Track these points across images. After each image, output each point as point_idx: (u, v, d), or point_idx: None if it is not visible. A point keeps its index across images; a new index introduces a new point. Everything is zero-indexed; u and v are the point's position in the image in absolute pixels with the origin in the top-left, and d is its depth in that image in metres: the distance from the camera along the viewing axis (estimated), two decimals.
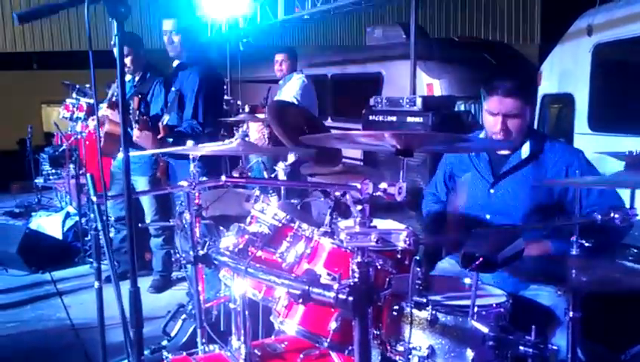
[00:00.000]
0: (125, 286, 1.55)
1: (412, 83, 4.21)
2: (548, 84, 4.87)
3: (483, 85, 2.28)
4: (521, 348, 1.43)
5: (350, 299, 1.32)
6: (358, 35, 11.15)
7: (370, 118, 4.04)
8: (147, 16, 10.12)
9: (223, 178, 1.67)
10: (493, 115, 2.24)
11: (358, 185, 1.35)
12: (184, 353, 2.17)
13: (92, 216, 2.35)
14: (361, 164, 4.18)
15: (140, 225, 4.06)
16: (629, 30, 3.95)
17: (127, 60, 3.98)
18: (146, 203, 4.16)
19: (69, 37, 10.38)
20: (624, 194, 2.58)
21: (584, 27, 4.37)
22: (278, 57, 5.39)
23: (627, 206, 1.48)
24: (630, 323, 2.48)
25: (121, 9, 1.34)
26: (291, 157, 2.62)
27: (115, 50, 1.41)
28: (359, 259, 1.36)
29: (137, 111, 3.62)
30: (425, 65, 5.47)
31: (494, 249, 1.45)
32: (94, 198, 1.64)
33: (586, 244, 1.66)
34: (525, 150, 2.27)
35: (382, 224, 2.37)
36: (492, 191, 2.32)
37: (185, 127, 3.52)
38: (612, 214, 1.40)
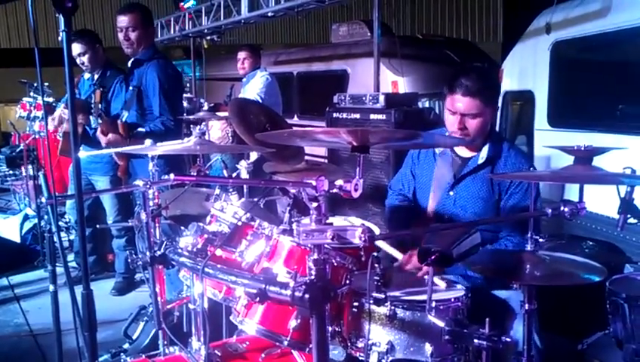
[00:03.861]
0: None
1: (376, 80, 4.23)
2: (509, 82, 4.95)
3: (446, 82, 2.27)
4: (476, 341, 1.45)
5: (306, 296, 1.31)
6: (323, 33, 11.18)
7: (334, 115, 4.04)
8: (109, 11, 9.92)
9: (172, 176, 1.64)
10: (452, 113, 2.24)
11: (314, 183, 1.34)
12: (143, 356, 2.14)
13: (46, 217, 2.28)
14: (326, 161, 4.18)
15: (97, 226, 3.98)
16: (585, 28, 4.05)
17: (85, 59, 3.89)
18: (108, 203, 4.07)
19: (26, 33, 10.10)
20: (573, 187, 2.66)
21: (543, 25, 4.46)
22: (241, 55, 5.36)
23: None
24: (586, 314, 2.54)
25: (68, 4, 1.30)
26: (254, 155, 2.61)
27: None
28: (315, 256, 1.35)
29: (99, 105, 3.53)
30: (389, 62, 5.50)
31: (450, 244, 1.47)
32: (43, 199, 1.59)
33: (540, 240, 1.70)
34: (483, 154, 2.29)
35: (344, 221, 2.38)
36: (451, 193, 2.34)
37: (155, 124, 3.46)
38: (562, 208, 1.43)
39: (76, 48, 3.82)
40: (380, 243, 2.07)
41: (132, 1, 3.83)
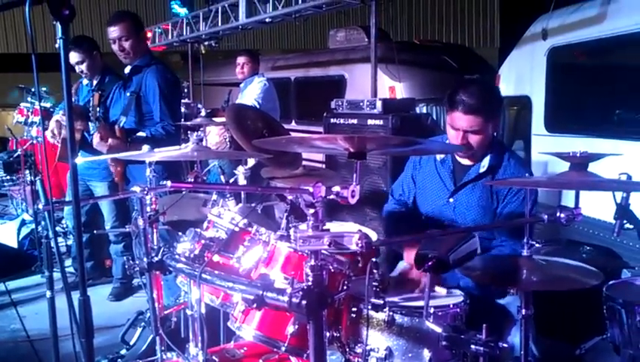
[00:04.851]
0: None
1: (373, 86, 4.23)
2: (506, 87, 4.96)
3: (447, 97, 2.26)
4: (473, 346, 1.45)
5: (304, 302, 1.31)
6: (320, 38, 11.21)
7: (332, 120, 4.04)
8: (107, 16, 9.91)
9: (168, 183, 1.64)
10: (454, 128, 2.24)
11: (311, 189, 1.35)
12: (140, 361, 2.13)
13: (43, 223, 2.28)
14: (323, 167, 4.19)
15: (95, 231, 3.97)
16: (581, 34, 4.07)
17: (83, 67, 3.89)
18: (106, 209, 4.07)
19: (24, 38, 10.09)
20: (570, 192, 2.67)
21: (539, 31, 4.48)
22: (240, 60, 5.38)
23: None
24: (584, 319, 2.55)
25: (66, 11, 1.30)
26: (251, 161, 2.61)
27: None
28: (313, 262, 1.35)
29: (97, 108, 3.54)
30: (387, 68, 5.52)
31: (447, 249, 1.47)
32: (40, 205, 1.59)
33: (537, 245, 1.71)
34: (485, 163, 2.29)
35: (342, 227, 2.39)
36: (451, 200, 2.35)
37: (156, 129, 3.47)
38: (558, 213, 1.44)
39: (74, 57, 3.82)
40: None
41: (120, 10, 3.84)
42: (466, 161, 2.36)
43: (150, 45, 7.34)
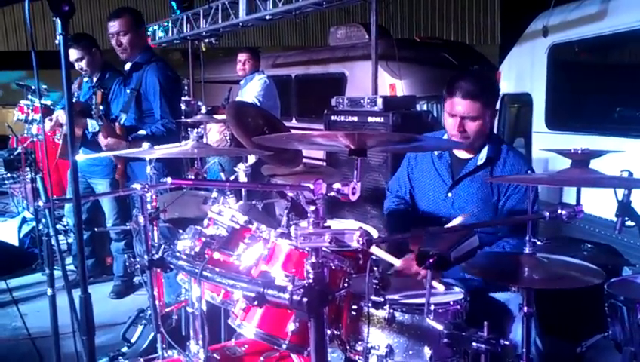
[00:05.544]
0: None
1: (374, 83, 4.23)
2: (507, 84, 4.95)
3: (445, 86, 2.27)
4: (474, 344, 1.45)
5: (305, 299, 1.31)
6: (321, 36, 11.19)
7: (332, 118, 4.04)
8: (106, 13, 9.90)
9: (169, 180, 1.64)
10: (451, 116, 2.24)
11: (311, 186, 1.34)
12: (142, 359, 2.13)
13: (44, 221, 2.28)
14: (324, 164, 4.19)
15: (96, 229, 3.98)
16: (582, 31, 4.06)
17: (82, 63, 3.88)
18: (107, 206, 4.07)
19: (24, 36, 10.09)
20: (572, 189, 2.67)
21: (540, 28, 4.47)
22: (241, 56, 5.37)
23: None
24: (585, 316, 2.55)
25: (65, 7, 1.30)
26: (252, 158, 2.61)
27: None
28: (313, 259, 1.35)
29: (100, 106, 3.53)
30: (387, 65, 5.51)
31: (448, 247, 1.47)
32: (41, 203, 1.59)
33: (539, 243, 1.70)
34: (482, 156, 2.29)
35: (343, 224, 2.38)
36: (449, 194, 2.34)
37: (156, 126, 3.47)
38: (559, 211, 1.43)
39: (73, 54, 3.81)
40: (375, 250, 2.04)
41: (121, 6, 3.85)
42: (463, 155, 2.35)
43: (150, 42, 7.35)
